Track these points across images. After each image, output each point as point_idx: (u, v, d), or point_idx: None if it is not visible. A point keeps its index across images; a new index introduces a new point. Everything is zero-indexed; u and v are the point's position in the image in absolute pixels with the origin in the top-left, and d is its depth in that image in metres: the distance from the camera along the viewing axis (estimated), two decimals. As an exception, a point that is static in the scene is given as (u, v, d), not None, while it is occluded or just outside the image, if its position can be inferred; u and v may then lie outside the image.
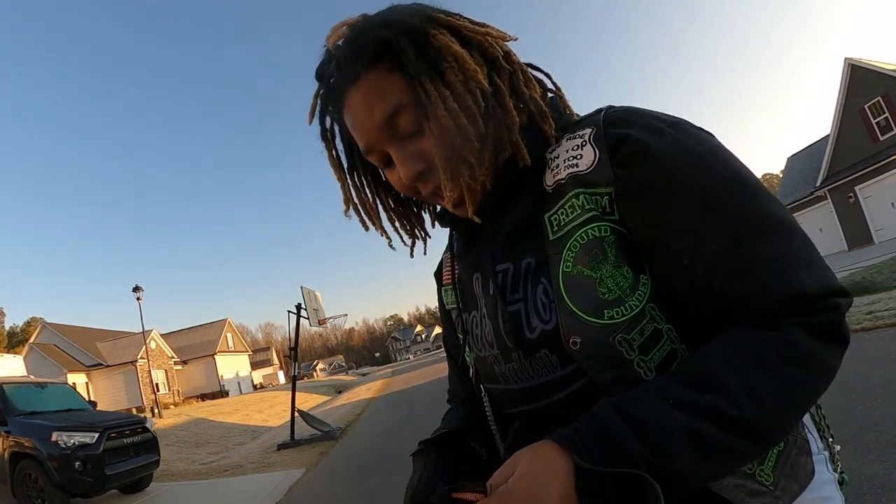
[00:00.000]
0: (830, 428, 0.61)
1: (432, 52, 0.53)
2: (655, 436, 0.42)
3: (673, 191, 0.50)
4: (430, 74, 0.53)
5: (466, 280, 0.69)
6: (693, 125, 0.55)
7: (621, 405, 0.44)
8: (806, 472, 0.53)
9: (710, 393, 0.43)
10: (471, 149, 0.53)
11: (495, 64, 0.57)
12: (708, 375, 0.44)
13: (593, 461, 0.41)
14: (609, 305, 0.51)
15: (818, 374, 0.46)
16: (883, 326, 5.43)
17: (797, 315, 0.46)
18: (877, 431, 2.89)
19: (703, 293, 0.49)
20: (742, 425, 0.43)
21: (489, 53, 0.56)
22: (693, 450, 0.42)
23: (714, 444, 0.42)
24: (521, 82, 0.58)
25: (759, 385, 0.43)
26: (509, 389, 0.61)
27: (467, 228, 0.67)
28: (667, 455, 0.41)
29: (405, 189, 0.60)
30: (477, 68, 0.54)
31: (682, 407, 0.43)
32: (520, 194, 0.60)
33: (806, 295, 0.46)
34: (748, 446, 0.44)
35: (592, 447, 0.42)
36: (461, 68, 0.53)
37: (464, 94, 0.53)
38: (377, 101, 0.54)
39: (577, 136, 0.56)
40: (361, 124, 0.56)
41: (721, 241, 0.48)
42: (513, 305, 0.59)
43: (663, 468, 0.41)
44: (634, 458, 0.41)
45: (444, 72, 0.53)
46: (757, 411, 0.43)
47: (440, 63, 0.53)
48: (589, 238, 0.53)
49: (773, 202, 0.50)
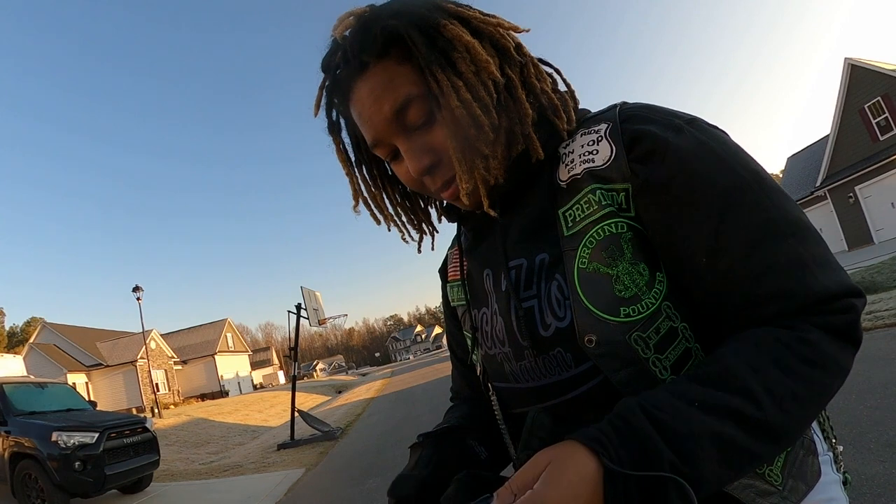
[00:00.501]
0: (833, 429, 0.61)
1: (443, 43, 0.52)
2: (682, 439, 0.41)
3: (692, 189, 0.49)
4: (442, 64, 0.52)
5: (476, 276, 0.67)
6: (709, 123, 0.54)
7: (647, 406, 0.43)
8: (813, 473, 0.53)
9: (734, 394, 0.42)
10: (485, 140, 0.53)
11: (507, 55, 0.56)
12: (730, 377, 0.43)
13: (622, 464, 0.40)
14: (625, 303, 0.50)
15: (834, 375, 0.45)
16: (883, 326, 5.43)
17: (815, 316, 0.45)
18: (877, 431, 2.88)
19: (721, 293, 0.49)
20: (764, 427, 0.42)
21: (500, 45, 0.55)
22: (718, 453, 0.41)
23: (737, 446, 0.42)
24: (533, 75, 0.57)
25: (779, 386, 0.43)
26: (520, 388, 0.60)
27: (477, 223, 0.66)
28: (694, 459, 0.40)
29: (413, 183, 0.60)
30: (489, 59, 0.53)
31: (707, 409, 0.42)
32: (533, 189, 0.59)
33: (823, 296, 0.45)
34: (767, 448, 0.43)
35: (620, 449, 0.41)
36: (473, 59, 0.52)
37: (476, 85, 0.52)
38: (386, 93, 0.53)
39: (592, 131, 0.55)
40: (369, 117, 0.55)
41: (739, 241, 0.48)
42: (527, 302, 0.57)
43: (690, 472, 0.40)
44: (662, 461, 0.40)
45: (456, 62, 0.52)
46: (778, 413, 0.42)
47: (451, 53, 0.52)
48: (605, 234, 0.52)
49: (789, 202, 0.49)
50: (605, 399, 0.52)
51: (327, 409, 17.10)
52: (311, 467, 7.29)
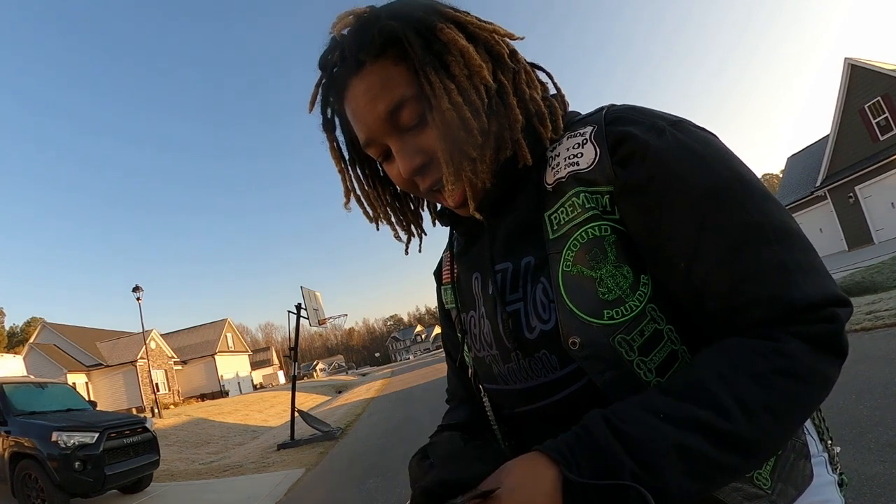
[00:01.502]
0: (830, 430, 0.61)
1: (438, 46, 0.53)
2: (645, 450, 0.41)
3: (671, 191, 0.49)
4: (436, 66, 0.53)
5: (465, 279, 0.68)
6: (696, 125, 0.54)
7: (611, 417, 0.44)
8: (804, 477, 0.53)
9: (701, 406, 0.42)
10: (473, 143, 0.53)
11: (500, 62, 0.57)
12: (699, 388, 0.43)
13: (582, 474, 0.41)
14: (609, 305, 0.50)
15: (814, 387, 0.44)
16: (883, 326, 5.42)
17: (793, 325, 0.44)
18: (877, 431, 2.88)
19: (700, 299, 0.49)
20: (734, 439, 0.41)
21: (495, 51, 0.56)
22: (683, 464, 0.41)
23: (704, 458, 0.41)
24: (524, 82, 0.58)
25: (751, 398, 0.42)
26: (508, 390, 0.61)
27: (467, 228, 0.67)
28: (656, 469, 0.40)
29: (403, 183, 0.60)
30: (482, 64, 0.54)
31: (672, 420, 0.42)
32: (520, 193, 0.59)
33: (803, 305, 0.44)
34: (740, 461, 0.42)
35: (581, 460, 0.42)
36: (466, 63, 0.53)
37: (468, 89, 0.53)
38: (381, 93, 0.54)
39: (578, 134, 0.56)
40: (363, 115, 0.55)
41: (718, 246, 0.47)
42: (512, 305, 0.58)
43: (652, 482, 0.40)
44: (623, 472, 0.40)
45: (450, 65, 0.53)
46: (749, 425, 0.42)
47: (446, 56, 0.53)
48: (589, 237, 0.52)
49: (773, 206, 0.48)
50: (591, 401, 0.52)
51: (327, 409, 17.10)
52: (311, 467, 7.29)
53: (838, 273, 10.83)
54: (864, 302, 6.83)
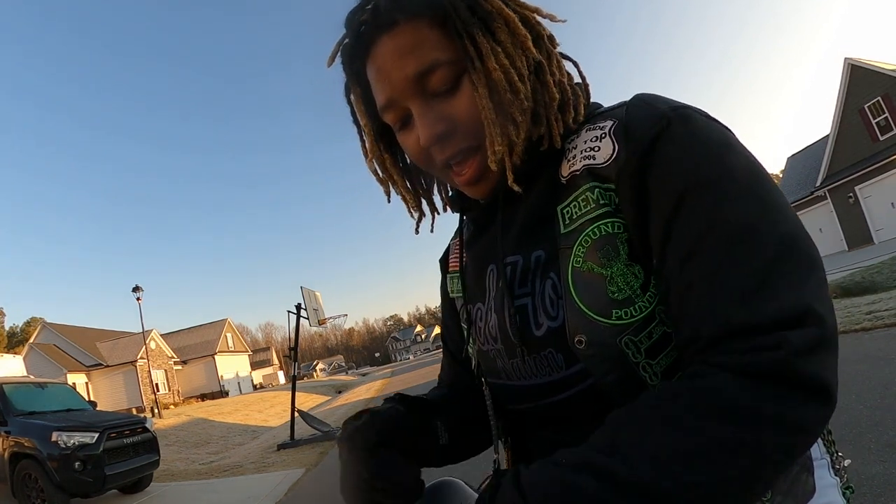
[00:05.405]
0: (836, 443, 0.59)
1: (483, 13, 0.52)
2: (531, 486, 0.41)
3: (650, 179, 0.47)
4: (483, 29, 0.52)
5: (473, 270, 0.67)
6: (702, 113, 0.50)
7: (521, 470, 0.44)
8: (805, 491, 0.51)
9: (601, 453, 0.40)
10: (519, 107, 0.52)
11: (539, 42, 0.56)
12: (609, 434, 0.41)
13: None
14: (618, 305, 0.49)
15: (755, 429, 0.37)
16: (883, 326, 5.43)
17: (721, 354, 0.40)
18: (877, 431, 2.88)
19: (666, 308, 0.47)
20: (637, 488, 0.37)
21: (535, 30, 0.56)
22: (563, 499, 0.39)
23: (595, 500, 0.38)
24: (556, 66, 0.57)
25: (663, 445, 0.38)
26: (511, 385, 0.60)
27: (479, 216, 0.65)
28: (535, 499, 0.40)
29: (419, 153, 0.57)
30: (527, 34, 0.53)
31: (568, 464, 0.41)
32: (535, 183, 0.58)
33: (741, 328, 0.40)
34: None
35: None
36: (512, 31, 0.52)
37: (514, 54, 0.52)
38: (413, 53, 0.51)
39: (597, 127, 0.54)
40: (389, 73, 0.53)
41: (680, 246, 0.44)
42: (520, 300, 0.56)
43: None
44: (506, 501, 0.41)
45: (496, 31, 0.52)
46: (656, 474, 0.37)
47: (491, 23, 0.52)
48: (601, 234, 0.50)
49: (758, 205, 0.43)
50: (595, 402, 0.51)
51: (327, 409, 17.10)
52: (311, 467, 7.29)
53: (838, 273, 10.82)
54: (864, 302, 6.84)
